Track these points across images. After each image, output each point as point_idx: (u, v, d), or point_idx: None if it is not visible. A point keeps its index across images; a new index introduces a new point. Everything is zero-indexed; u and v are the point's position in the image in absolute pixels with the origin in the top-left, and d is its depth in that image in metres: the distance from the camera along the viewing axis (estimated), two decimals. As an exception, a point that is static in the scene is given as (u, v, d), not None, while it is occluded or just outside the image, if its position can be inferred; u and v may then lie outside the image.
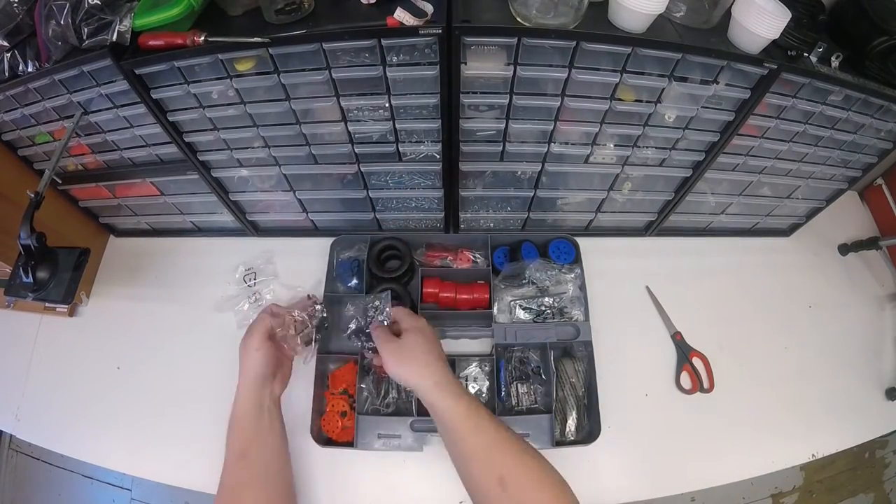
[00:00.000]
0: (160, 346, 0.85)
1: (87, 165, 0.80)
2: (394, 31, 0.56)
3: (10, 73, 0.63)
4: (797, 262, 0.98)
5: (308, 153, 0.73)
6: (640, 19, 0.57)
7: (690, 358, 0.83)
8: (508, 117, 0.68)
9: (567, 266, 0.85)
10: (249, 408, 0.63)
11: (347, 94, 0.64)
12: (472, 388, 0.78)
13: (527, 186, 0.81)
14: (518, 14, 0.58)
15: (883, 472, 1.62)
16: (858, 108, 0.71)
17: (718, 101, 0.68)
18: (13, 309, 0.88)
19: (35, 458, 1.56)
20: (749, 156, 0.78)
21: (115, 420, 0.79)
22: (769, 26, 0.57)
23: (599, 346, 0.79)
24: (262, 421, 0.63)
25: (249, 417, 0.63)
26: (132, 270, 0.93)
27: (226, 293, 0.88)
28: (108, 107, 0.67)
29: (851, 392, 0.84)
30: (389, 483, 0.74)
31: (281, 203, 0.85)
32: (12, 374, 0.83)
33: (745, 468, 0.76)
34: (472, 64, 0.61)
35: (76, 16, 0.57)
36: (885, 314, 0.94)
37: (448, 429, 0.58)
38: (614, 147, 0.74)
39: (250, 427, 0.63)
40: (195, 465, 0.74)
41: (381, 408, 0.75)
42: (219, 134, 0.71)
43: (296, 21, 0.59)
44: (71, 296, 0.67)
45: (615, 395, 0.77)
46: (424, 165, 0.76)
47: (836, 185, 0.89)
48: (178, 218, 0.90)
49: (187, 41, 0.57)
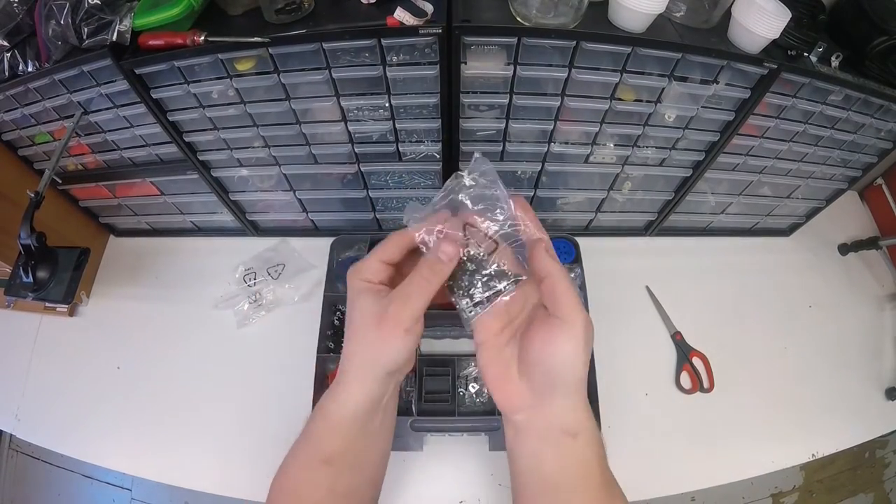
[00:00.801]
0: (160, 346, 0.85)
1: (87, 165, 0.80)
2: (394, 30, 0.56)
3: (10, 72, 0.63)
4: (797, 262, 0.98)
5: (308, 153, 0.73)
6: (640, 19, 0.57)
7: (690, 358, 0.83)
8: (508, 117, 0.68)
9: (567, 266, 0.85)
10: (364, 403, 0.41)
11: (347, 94, 0.64)
12: (472, 388, 0.78)
13: (527, 186, 0.81)
14: (518, 14, 0.58)
15: (883, 472, 1.62)
16: (858, 107, 0.71)
17: (718, 101, 0.68)
18: (13, 309, 0.88)
19: (35, 458, 1.55)
20: (749, 155, 0.78)
21: (116, 420, 0.79)
22: (769, 26, 0.57)
23: (599, 345, 0.79)
24: (372, 422, 0.43)
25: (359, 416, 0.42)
26: (132, 270, 0.93)
27: (226, 293, 0.88)
28: (108, 107, 0.67)
29: (851, 392, 0.84)
30: (389, 483, 0.73)
31: (281, 203, 0.85)
32: (12, 374, 0.83)
33: (745, 468, 0.76)
34: (472, 64, 0.61)
35: (76, 16, 0.56)
36: (884, 314, 0.94)
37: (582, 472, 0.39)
38: (614, 147, 0.74)
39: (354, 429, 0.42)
40: (195, 465, 0.74)
41: (381, 408, 0.75)
42: (219, 134, 0.71)
43: (296, 21, 0.59)
44: (71, 296, 0.67)
45: (615, 394, 0.77)
46: (424, 165, 0.76)
47: (835, 185, 0.89)
48: (178, 218, 0.90)
49: (187, 41, 0.57)
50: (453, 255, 0.40)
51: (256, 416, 0.77)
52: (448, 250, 0.40)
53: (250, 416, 0.77)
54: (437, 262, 0.40)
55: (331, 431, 0.42)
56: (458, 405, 0.75)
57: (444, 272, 0.40)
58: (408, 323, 0.39)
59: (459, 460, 0.74)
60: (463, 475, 0.73)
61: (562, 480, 0.39)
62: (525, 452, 0.41)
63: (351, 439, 0.42)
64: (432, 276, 0.40)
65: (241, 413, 0.77)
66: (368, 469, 0.45)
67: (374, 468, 0.46)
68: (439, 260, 0.40)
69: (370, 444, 0.44)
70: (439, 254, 0.40)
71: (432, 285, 0.40)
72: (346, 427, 0.42)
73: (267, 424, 0.71)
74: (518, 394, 0.40)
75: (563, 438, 0.39)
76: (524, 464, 0.41)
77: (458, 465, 0.74)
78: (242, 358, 0.82)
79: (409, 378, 0.76)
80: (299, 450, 0.43)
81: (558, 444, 0.39)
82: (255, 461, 0.58)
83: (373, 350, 0.40)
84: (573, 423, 0.39)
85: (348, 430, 0.42)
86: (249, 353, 0.83)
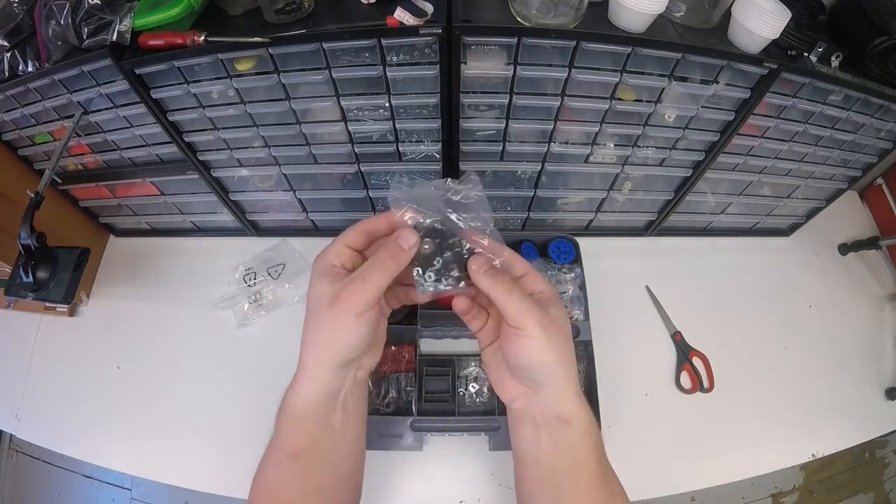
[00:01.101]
0: (160, 346, 0.85)
1: (87, 165, 0.80)
2: (394, 30, 0.56)
3: (10, 73, 0.63)
4: (797, 262, 0.98)
5: (308, 153, 0.73)
6: (640, 19, 0.57)
7: (690, 358, 0.83)
8: (508, 117, 0.68)
9: (567, 266, 0.85)
10: (319, 395, 0.41)
11: (347, 94, 0.64)
12: (472, 388, 0.78)
13: (527, 186, 0.81)
14: (518, 14, 0.58)
15: (883, 471, 1.62)
16: (858, 107, 0.71)
17: (718, 101, 0.68)
18: (13, 309, 0.87)
19: (35, 458, 1.55)
20: (749, 155, 0.78)
21: (115, 420, 0.79)
22: (769, 26, 0.57)
23: (599, 345, 0.79)
24: (334, 414, 0.42)
25: (317, 408, 0.41)
26: (132, 270, 0.93)
27: (226, 293, 0.88)
28: (108, 107, 0.67)
29: (851, 392, 0.84)
30: (389, 483, 0.74)
31: (281, 203, 0.85)
32: (12, 374, 0.83)
33: (745, 468, 0.76)
34: (472, 64, 0.61)
35: (76, 16, 0.56)
36: (885, 314, 0.94)
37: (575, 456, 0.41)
38: (614, 147, 0.74)
39: (315, 421, 0.41)
40: (195, 464, 0.74)
41: (381, 407, 0.75)
42: (219, 134, 0.71)
43: (296, 21, 0.59)
44: (71, 296, 0.67)
45: (615, 394, 0.77)
46: (424, 165, 0.76)
47: (835, 185, 0.89)
48: (178, 218, 0.90)
49: (187, 41, 0.57)
50: (413, 244, 0.41)
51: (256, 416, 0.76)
52: (409, 238, 0.40)
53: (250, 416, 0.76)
54: (397, 249, 0.40)
55: (293, 424, 0.41)
56: (458, 405, 0.75)
57: (402, 260, 0.40)
58: (360, 307, 0.38)
59: (459, 460, 0.74)
60: (463, 475, 0.73)
61: (558, 464, 0.41)
62: (524, 437, 0.43)
63: (314, 434, 0.41)
64: (390, 261, 0.40)
65: (241, 413, 0.77)
66: (340, 466, 0.44)
67: (346, 466, 0.45)
68: (399, 247, 0.40)
69: (336, 440, 0.43)
70: (400, 240, 0.40)
71: (389, 271, 0.39)
72: (306, 420, 0.41)
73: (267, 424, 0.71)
74: (513, 387, 0.43)
75: (556, 424, 0.40)
76: (524, 448, 0.43)
77: (458, 465, 0.74)
78: (242, 358, 0.82)
79: (410, 378, 0.76)
80: (269, 447, 0.43)
81: (552, 429, 0.41)
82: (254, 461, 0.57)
83: (325, 336, 0.40)
84: (565, 410, 0.40)
85: (309, 424, 0.41)
86: (249, 353, 0.83)
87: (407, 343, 0.78)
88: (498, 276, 0.41)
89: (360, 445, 0.46)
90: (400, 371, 0.76)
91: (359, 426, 0.45)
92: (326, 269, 0.41)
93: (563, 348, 0.40)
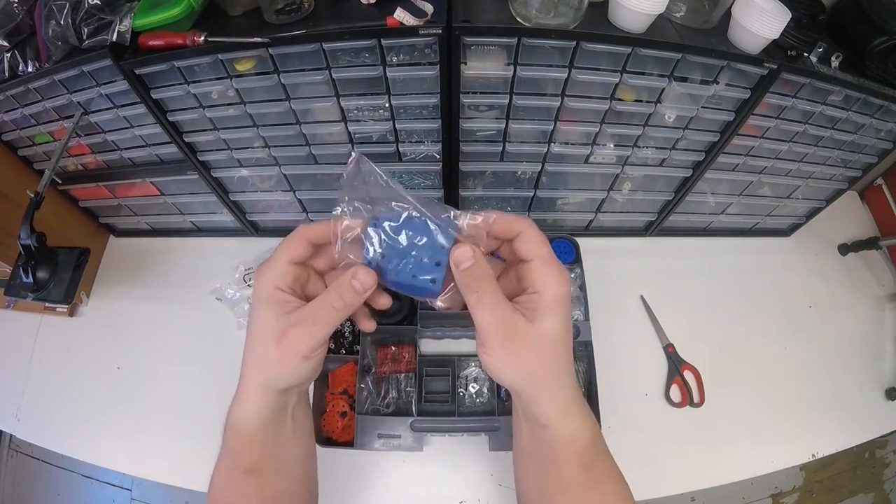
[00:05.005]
0: (160, 346, 0.85)
1: (87, 165, 0.80)
2: (394, 31, 0.56)
3: (10, 73, 0.63)
4: (797, 262, 0.98)
5: (308, 153, 0.73)
6: (640, 19, 0.57)
7: (682, 372, 0.83)
8: (508, 117, 0.68)
9: (567, 266, 0.85)
10: (268, 413, 0.39)
11: (347, 95, 0.64)
12: (472, 388, 0.78)
13: (527, 186, 0.81)
14: (518, 14, 0.58)
15: (883, 472, 1.62)
16: (858, 108, 0.71)
17: (718, 101, 0.68)
18: (13, 309, 0.88)
19: (35, 458, 1.56)
20: (749, 156, 0.78)
21: (115, 420, 0.79)
22: (769, 26, 0.57)
23: (599, 346, 0.79)
24: (283, 428, 0.41)
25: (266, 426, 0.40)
26: (132, 270, 0.93)
27: (226, 293, 0.88)
28: (108, 107, 0.67)
29: (851, 392, 0.84)
30: (389, 483, 0.74)
31: (281, 203, 0.85)
32: (12, 374, 0.83)
33: (745, 468, 0.76)
34: (472, 64, 0.61)
35: (76, 16, 0.57)
36: (885, 314, 0.94)
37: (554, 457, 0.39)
38: (614, 147, 0.74)
39: (266, 437, 0.40)
40: (195, 465, 0.74)
41: (381, 408, 0.75)
42: (219, 134, 0.71)
43: (296, 21, 0.59)
44: (71, 296, 0.67)
45: (615, 394, 0.77)
46: (424, 165, 0.76)
47: (836, 185, 0.89)
48: (178, 218, 0.90)
49: (187, 41, 0.57)
50: (369, 287, 0.37)
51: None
52: (364, 280, 0.37)
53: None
54: (349, 292, 0.37)
55: (244, 441, 0.40)
56: (458, 405, 0.75)
57: (354, 303, 0.37)
58: (307, 351, 0.36)
59: (459, 460, 0.74)
60: (463, 475, 0.73)
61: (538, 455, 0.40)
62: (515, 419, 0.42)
63: (266, 448, 0.40)
64: (342, 306, 0.37)
65: (241, 413, 0.77)
66: (295, 471, 0.43)
67: (301, 468, 0.44)
68: (352, 289, 0.37)
69: (288, 448, 0.42)
70: (353, 282, 0.37)
71: (340, 315, 0.37)
72: (256, 437, 0.40)
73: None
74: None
75: (536, 426, 0.39)
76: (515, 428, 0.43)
77: (458, 465, 0.74)
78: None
79: (410, 378, 0.76)
80: (221, 462, 0.41)
81: (531, 428, 0.40)
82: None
83: (269, 369, 0.38)
84: (542, 416, 0.38)
85: (260, 439, 0.40)
86: (249, 354, 0.83)
87: (407, 343, 0.78)
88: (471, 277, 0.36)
89: (311, 447, 0.46)
90: (400, 371, 0.76)
91: (308, 428, 0.45)
92: (271, 296, 0.37)
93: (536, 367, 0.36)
